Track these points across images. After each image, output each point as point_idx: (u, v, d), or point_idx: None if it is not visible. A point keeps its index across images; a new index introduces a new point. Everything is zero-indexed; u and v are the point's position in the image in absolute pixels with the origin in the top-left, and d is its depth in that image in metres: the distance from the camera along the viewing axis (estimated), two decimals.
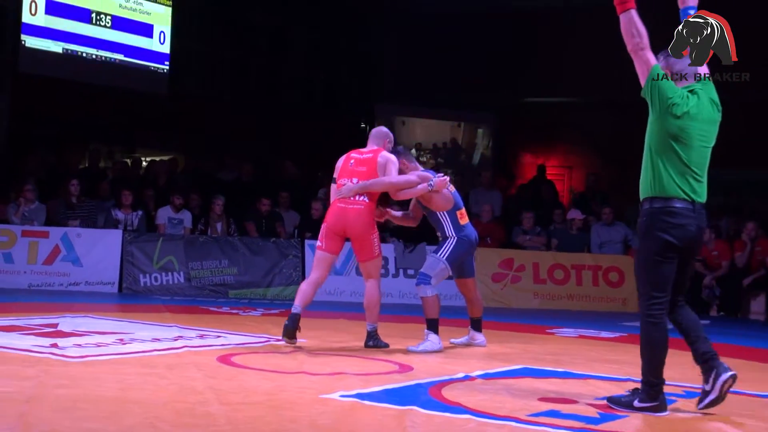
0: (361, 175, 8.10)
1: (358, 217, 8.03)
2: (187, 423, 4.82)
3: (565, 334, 10.40)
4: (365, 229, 8.08)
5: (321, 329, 9.53)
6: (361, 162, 8.19)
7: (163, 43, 18.18)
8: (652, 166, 5.71)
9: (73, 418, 4.79)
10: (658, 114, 5.68)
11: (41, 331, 8.21)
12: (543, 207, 16.85)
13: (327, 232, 8.17)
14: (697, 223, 5.68)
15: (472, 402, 5.69)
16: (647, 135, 5.78)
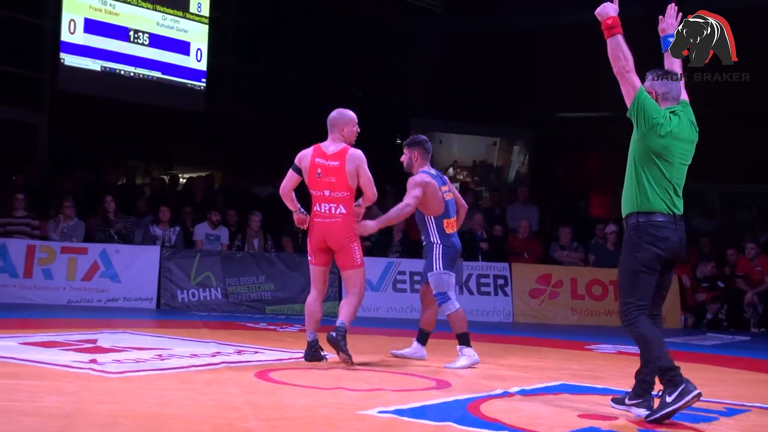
0: (333, 187, 7.86)
1: (338, 230, 7.90)
2: None
3: (603, 350, 10.32)
4: (346, 240, 7.94)
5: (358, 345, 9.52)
6: (328, 171, 7.88)
7: (200, 60, 18.29)
8: (637, 182, 5.96)
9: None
10: (643, 133, 5.91)
11: (80, 346, 8.26)
12: (579, 222, 16.77)
13: (313, 248, 8.07)
14: (678, 234, 5.97)
15: (511, 418, 5.66)
16: (631, 153, 6.03)
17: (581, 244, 15.50)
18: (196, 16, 18.24)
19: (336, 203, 7.89)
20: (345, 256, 8.00)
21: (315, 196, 7.95)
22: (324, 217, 7.91)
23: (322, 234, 7.93)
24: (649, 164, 5.92)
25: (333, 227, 7.90)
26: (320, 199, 7.91)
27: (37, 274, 13.17)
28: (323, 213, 7.91)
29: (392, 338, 10.46)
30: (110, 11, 16.98)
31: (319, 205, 7.93)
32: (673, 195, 5.95)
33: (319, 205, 7.93)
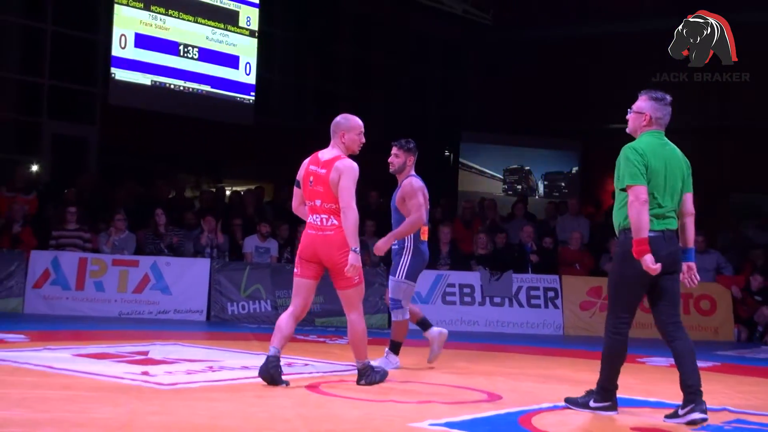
0: (321, 196, 7.25)
1: (330, 245, 7.22)
2: None
3: (656, 363, 10.22)
4: (339, 255, 7.21)
5: (408, 357, 9.51)
6: (317, 180, 7.29)
7: (249, 74, 18.41)
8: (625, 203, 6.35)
9: None
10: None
11: (132, 358, 8.32)
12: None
13: (300, 259, 7.39)
14: (667, 248, 6.31)
15: (563, 431, 5.63)
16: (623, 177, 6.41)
17: None
18: (245, 30, 18.36)
19: (327, 214, 7.27)
20: (339, 273, 7.29)
21: (309, 206, 7.38)
22: (316, 229, 7.30)
23: (314, 247, 7.28)
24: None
25: (325, 241, 7.25)
26: (312, 210, 7.33)
27: (89, 286, 13.28)
28: (315, 224, 7.30)
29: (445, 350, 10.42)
30: (160, 26, 17.14)
31: (312, 216, 7.33)
32: (660, 213, 6.36)
33: (312, 215, 7.34)
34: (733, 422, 6.24)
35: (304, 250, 7.34)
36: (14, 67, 17.39)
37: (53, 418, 5.38)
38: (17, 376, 6.93)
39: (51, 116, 17.43)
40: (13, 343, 9.22)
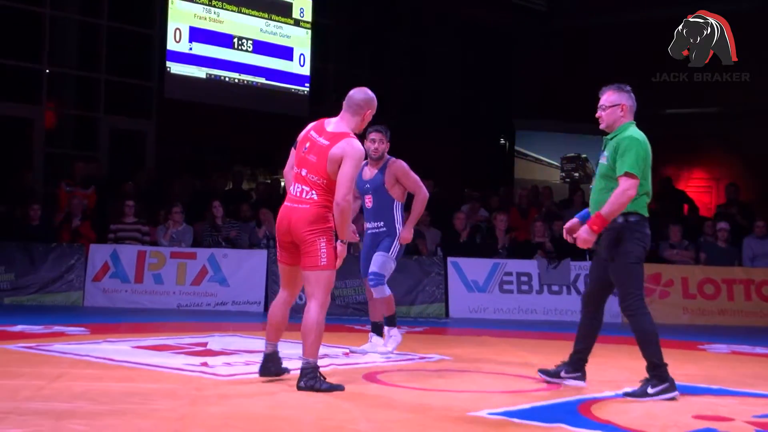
0: (311, 167, 6.47)
1: (304, 219, 6.42)
2: None
3: (717, 350, 10.11)
4: (311, 232, 6.40)
5: (465, 346, 9.50)
6: (314, 148, 6.52)
7: (303, 65, 18.45)
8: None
9: None
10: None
11: (191, 350, 8.38)
12: (688, 220, 16.45)
13: (277, 240, 6.72)
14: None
15: (624, 420, 5.58)
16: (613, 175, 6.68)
17: (691, 242, 15.19)
18: (299, 21, 18.40)
19: (309, 187, 6.46)
20: (307, 251, 6.43)
21: (294, 174, 6.63)
22: (292, 201, 6.52)
23: (287, 221, 6.50)
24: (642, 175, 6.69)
25: (298, 214, 6.44)
26: (296, 179, 6.56)
27: (147, 279, 13.41)
28: (293, 196, 6.52)
29: (500, 339, 10.40)
30: (214, 19, 17.23)
31: (293, 186, 6.56)
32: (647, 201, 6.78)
33: (293, 185, 6.57)
34: None
35: (280, 226, 6.58)
36: (71, 63, 17.56)
37: (114, 410, 5.43)
38: (78, 369, 7.01)
39: (108, 111, 17.57)
40: (74, 336, 9.33)
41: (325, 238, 6.42)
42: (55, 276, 13.24)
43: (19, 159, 16.59)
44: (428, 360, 8.37)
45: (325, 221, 6.44)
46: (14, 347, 8.16)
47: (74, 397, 5.77)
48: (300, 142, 6.64)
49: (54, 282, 13.23)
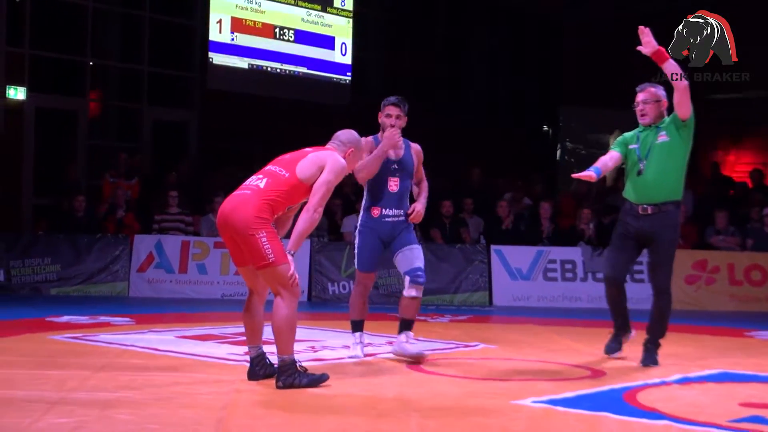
0: (280, 162, 6.40)
1: (240, 209, 5.98)
2: (380, 429, 4.86)
3: (765, 338, 10.01)
4: (247, 226, 5.92)
5: (509, 334, 9.48)
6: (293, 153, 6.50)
7: (345, 54, 18.45)
8: (681, 175, 7.40)
9: (268, 425, 4.90)
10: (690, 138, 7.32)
11: (235, 339, 8.42)
12: (735, 206, 16.29)
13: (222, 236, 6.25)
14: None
15: (670, 408, 5.55)
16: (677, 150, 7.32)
17: (738, 228, 15.05)
18: (339, 10, 18.40)
19: (264, 176, 6.19)
20: (250, 249, 6.01)
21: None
22: (241, 188, 6.17)
23: (222, 214, 6.05)
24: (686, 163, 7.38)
25: (236, 201, 6.03)
26: (258, 172, 6.33)
27: (191, 269, 13.48)
28: (243, 184, 6.21)
29: (544, 327, 10.37)
30: (256, 9, 17.26)
31: (253, 176, 6.31)
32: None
33: (254, 176, 6.31)
34: None
35: (218, 220, 6.16)
36: (115, 55, 17.69)
37: (159, 399, 5.47)
38: (124, 359, 7.08)
39: (151, 102, 17.67)
40: (120, 326, 9.42)
41: (263, 230, 5.94)
42: (101, 267, 13.35)
43: (63, 151, 16.73)
44: (472, 348, 8.37)
45: (262, 214, 5.97)
46: (61, 338, 8.25)
47: (120, 386, 5.83)
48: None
49: (99, 273, 13.34)
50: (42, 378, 6.04)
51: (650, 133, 7.40)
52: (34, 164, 16.19)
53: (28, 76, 16.08)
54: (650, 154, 7.34)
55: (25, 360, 6.84)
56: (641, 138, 7.45)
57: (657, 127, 7.38)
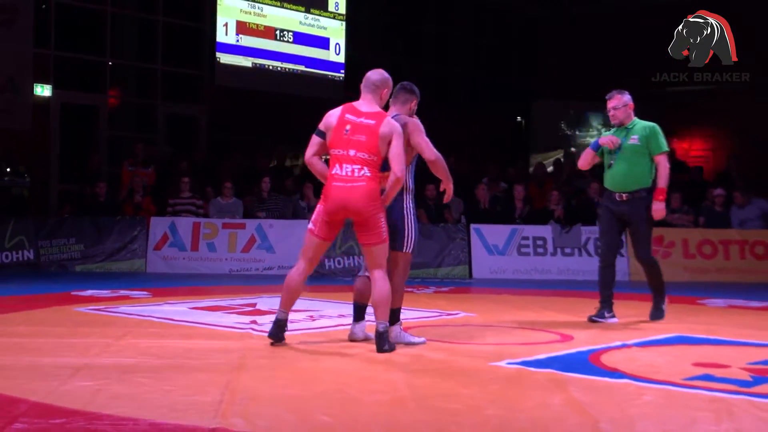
0: (360, 146, 6.11)
1: (361, 197, 6.08)
2: (371, 389, 4.87)
3: (715, 305, 10.05)
4: (371, 210, 6.13)
5: (487, 304, 9.49)
6: (358, 129, 6.15)
7: (339, 53, 18.41)
8: (648, 168, 7.94)
9: (272, 385, 4.90)
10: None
11: (242, 310, 8.43)
12: (688, 187, 16.33)
13: (324, 217, 6.27)
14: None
15: (631, 368, 5.56)
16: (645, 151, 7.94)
17: (691, 207, 15.10)
18: (334, 14, 18.35)
19: (360, 165, 6.11)
20: (369, 229, 6.17)
21: (336, 156, 6.19)
22: (345, 181, 6.11)
23: (342, 201, 6.12)
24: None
25: (355, 192, 6.09)
26: (342, 160, 6.15)
27: (202, 247, 13.45)
28: (344, 176, 6.13)
29: (521, 297, 10.38)
30: (258, 13, 17.23)
31: (340, 167, 6.15)
32: None
33: (339, 166, 6.15)
34: None
35: (335, 206, 6.18)
36: (131, 55, 17.61)
37: (174, 364, 5.47)
38: (142, 328, 7.07)
39: (164, 98, 17.62)
40: (138, 298, 9.40)
41: (383, 213, 6.19)
42: (120, 246, 13.32)
43: (86, 142, 16.68)
44: (454, 316, 8.38)
45: (378, 197, 6.15)
46: (85, 310, 8.24)
47: (138, 353, 5.82)
48: (337, 125, 6.19)
49: (119, 251, 13.31)
50: (68, 346, 6.03)
51: (621, 132, 8.02)
52: (60, 154, 16.16)
53: (53, 75, 16.02)
54: (620, 152, 7.94)
55: (52, 330, 6.83)
56: (623, 133, 8.03)
57: (627, 128, 8.01)
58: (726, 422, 4.18)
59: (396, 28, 20.89)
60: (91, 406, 4.24)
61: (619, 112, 8.06)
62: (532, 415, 4.28)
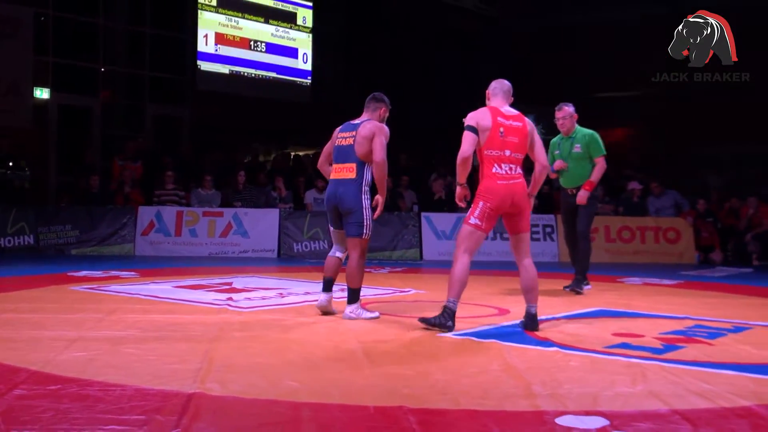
0: (515, 147, 6.02)
1: (522, 192, 6.01)
2: (334, 357, 4.86)
3: (632, 282, 10.16)
4: (528, 202, 6.09)
5: (436, 282, 9.51)
6: (511, 131, 6.06)
7: (306, 62, 18.34)
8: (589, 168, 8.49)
9: (246, 354, 4.88)
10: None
11: (220, 288, 8.37)
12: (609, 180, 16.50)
13: (491, 213, 5.97)
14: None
15: (559, 337, 5.60)
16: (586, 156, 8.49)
17: (612, 198, 15.26)
18: (302, 27, 18.26)
19: (515, 164, 6.03)
20: (525, 218, 6.08)
21: (493, 156, 6.00)
22: (507, 179, 5.98)
23: (510, 197, 5.96)
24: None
25: (518, 189, 6.00)
26: (501, 160, 6.00)
27: (185, 233, 13.36)
28: (505, 174, 5.99)
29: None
30: (235, 26, 17.11)
31: (499, 166, 5.99)
32: None
33: (498, 165, 5.99)
34: (694, 327, 6.18)
35: (502, 202, 5.96)
36: (121, 62, 17.41)
37: (159, 336, 5.42)
38: (131, 304, 7.00)
39: (151, 100, 17.47)
40: (127, 278, 9.31)
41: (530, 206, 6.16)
42: (111, 232, 13.19)
43: (80, 139, 16.50)
44: (406, 293, 8.39)
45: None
46: (79, 288, 8.15)
47: (127, 326, 5.77)
48: (492, 128, 6.01)
49: (110, 236, 13.18)
50: (64, 321, 5.96)
51: (567, 142, 8.53)
52: (57, 150, 15.98)
53: (51, 79, 15.83)
54: (568, 159, 8.54)
55: (50, 306, 6.75)
56: (561, 145, 8.62)
57: (571, 137, 8.51)
58: (641, 384, 4.22)
59: (355, 39, 20.83)
60: (84, 374, 4.20)
61: (567, 121, 8.47)
62: (473, 380, 4.29)
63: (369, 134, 6.48)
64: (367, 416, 3.58)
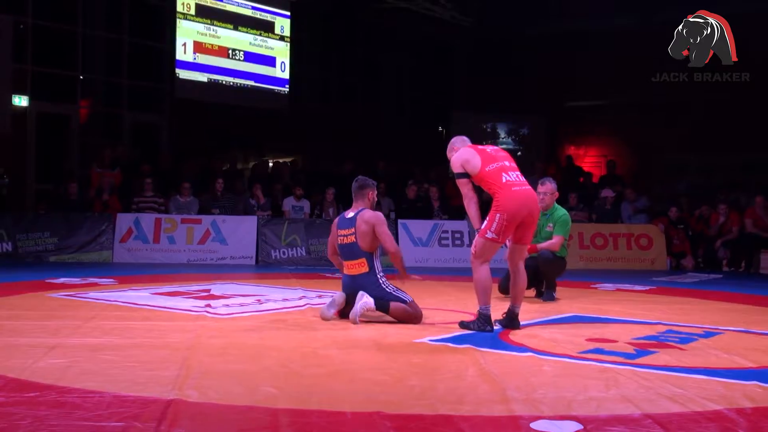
0: (506, 158, 6.16)
1: (537, 200, 6.19)
2: (311, 363, 4.86)
3: (605, 288, 10.21)
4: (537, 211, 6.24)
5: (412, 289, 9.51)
6: (494, 150, 6.23)
7: (284, 71, 18.30)
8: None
9: (223, 361, 4.86)
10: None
11: (198, 294, 8.34)
12: (583, 188, 16.61)
13: (507, 224, 5.93)
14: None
15: (533, 342, 5.63)
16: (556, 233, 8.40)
17: (585, 205, 15.35)
18: (279, 36, 18.24)
19: (518, 172, 6.11)
20: (532, 229, 6.23)
21: (495, 169, 6.00)
22: (521, 185, 5.97)
23: (529, 202, 5.97)
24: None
25: (534, 195, 6.07)
26: (504, 169, 6.02)
27: (163, 240, 13.30)
28: (516, 181, 5.96)
29: (441, 282, 10.43)
30: (213, 35, 17.04)
31: (507, 174, 5.98)
32: None
33: (506, 173, 5.98)
34: (666, 332, 6.23)
35: (521, 208, 5.95)
36: (100, 70, 17.30)
37: (136, 342, 5.39)
38: (108, 311, 6.96)
39: (130, 108, 17.39)
40: (105, 285, 9.25)
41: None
42: (90, 239, 13.10)
43: (59, 147, 16.39)
44: None
45: None
46: (57, 295, 8.08)
47: (105, 333, 5.73)
48: (478, 153, 6.10)
49: (89, 243, 13.09)
50: (42, 327, 5.91)
51: (543, 218, 8.23)
52: (36, 157, 15.84)
53: (30, 87, 15.70)
54: (539, 234, 8.28)
55: (28, 313, 6.69)
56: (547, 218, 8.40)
57: (547, 214, 8.37)
58: (614, 389, 4.25)
59: (332, 49, 20.84)
60: (62, 381, 4.17)
61: (547, 197, 8.34)
62: (449, 385, 4.30)
63: (368, 229, 6.67)
64: (345, 422, 3.58)
